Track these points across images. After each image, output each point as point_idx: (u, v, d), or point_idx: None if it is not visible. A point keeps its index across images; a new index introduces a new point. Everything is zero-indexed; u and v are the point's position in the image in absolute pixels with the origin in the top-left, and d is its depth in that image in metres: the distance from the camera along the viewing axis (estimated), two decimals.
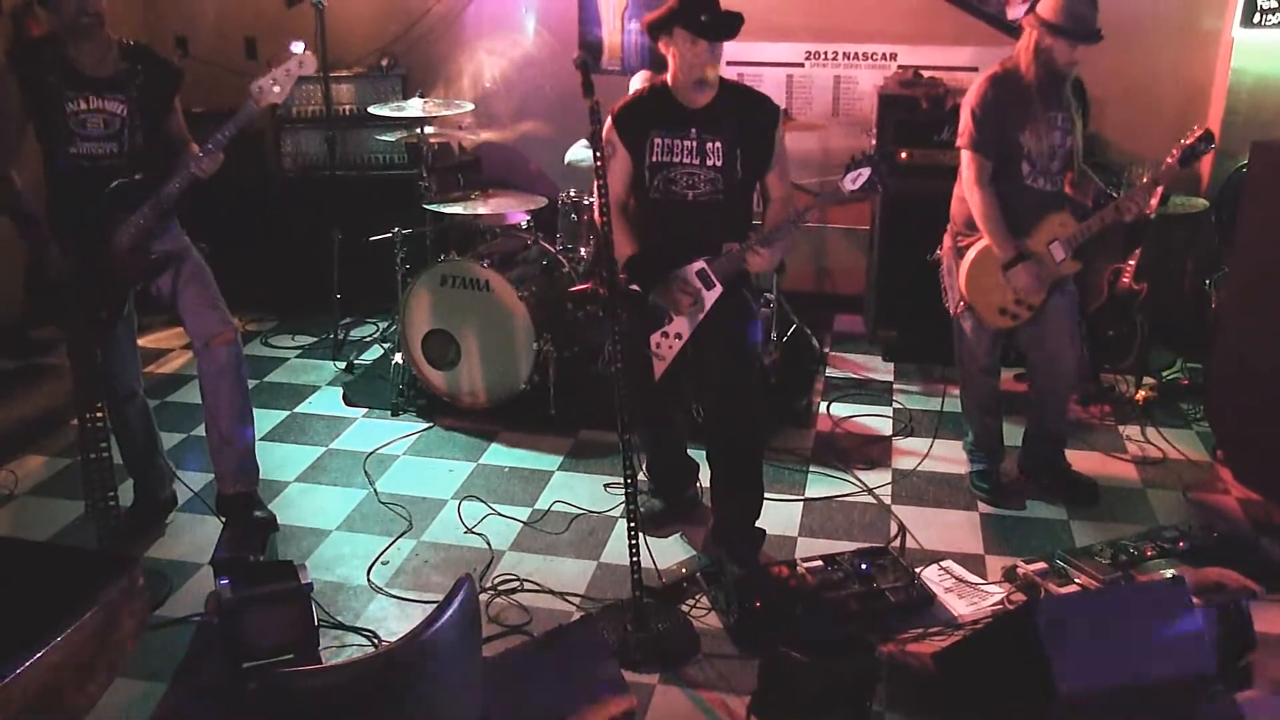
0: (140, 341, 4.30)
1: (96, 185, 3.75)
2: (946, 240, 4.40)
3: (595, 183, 3.50)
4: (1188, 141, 4.10)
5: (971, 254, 4.23)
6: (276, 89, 3.83)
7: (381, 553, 4.13)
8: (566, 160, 5.71)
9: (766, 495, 4.15)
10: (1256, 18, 5.58)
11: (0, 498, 4.54)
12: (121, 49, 3.84)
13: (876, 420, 5.27)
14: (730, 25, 3.70)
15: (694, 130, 3.78)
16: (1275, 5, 5.54)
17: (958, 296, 4.32)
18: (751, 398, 4.03)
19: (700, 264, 3.82)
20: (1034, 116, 4.09)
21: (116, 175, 3.78)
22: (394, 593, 3.89)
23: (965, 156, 4.17)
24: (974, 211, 4.16)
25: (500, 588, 3.90)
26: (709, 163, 3.79)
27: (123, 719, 3.20)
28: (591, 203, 5.18)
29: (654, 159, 3.83)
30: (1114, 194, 4.35)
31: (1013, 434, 4.65)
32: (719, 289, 3.83)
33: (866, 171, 3.66)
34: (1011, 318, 4.25)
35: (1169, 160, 4.12)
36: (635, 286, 3.85)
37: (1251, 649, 3.34)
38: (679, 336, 3.89)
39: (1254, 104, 5.69)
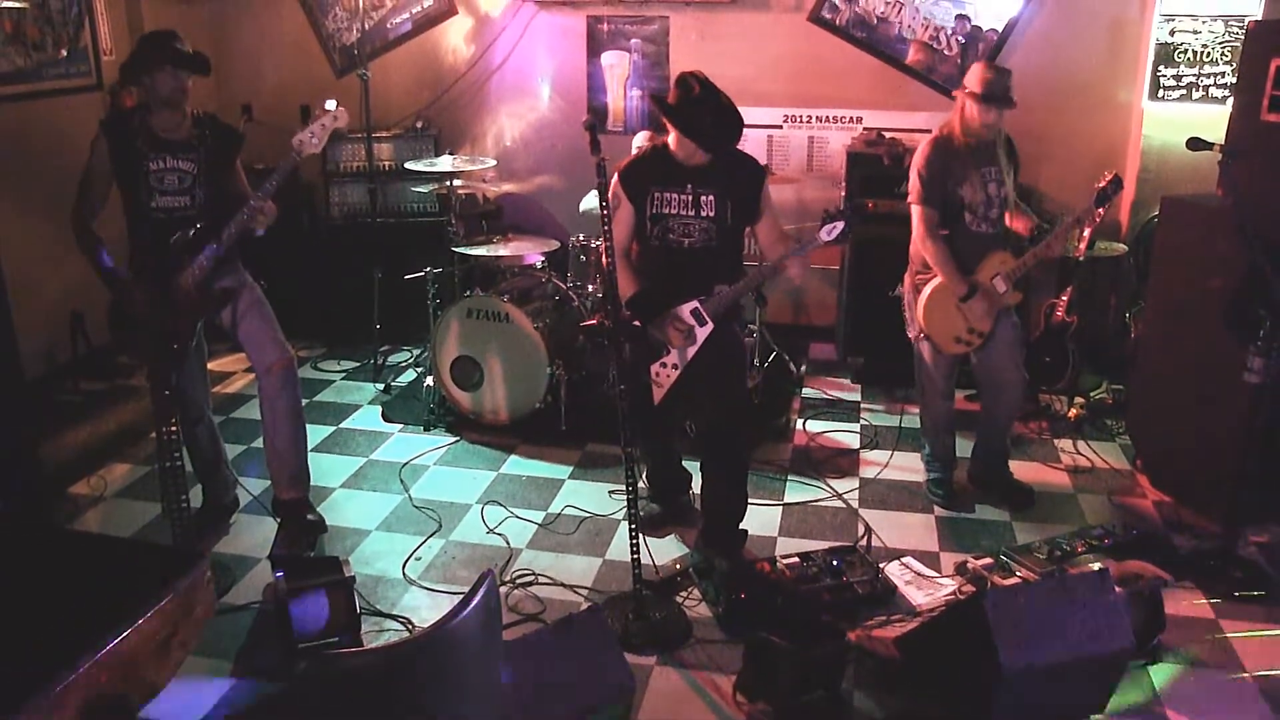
0: (208, 366, 4.30)
1: (171, 234, 3.78)
2: (907, 279, 4.42)
3: (603, 230, 3.52)
4: (1100, 185, 4.21)
5: (927, 290, 4.25)
6: (315, 140, 3.81)
7: (415, 550, 4.13)
8: (581, 209, 5.73)
9: (750, 501, 4.14)
10: (1160, 93, 5.72)
11: (91, 499, 4.56)
12: (193, 117, 3.88)
13: (846, 435, 5.27)
14: (730, 137, 3.71)
15: (689, 186, 3.77)
16: (1174, 83, 5.66)
17: (917, 327, 4.35)
18: (738, 420, 4.03)
19: (694, 303, 3.82)
20: (969, 173, 4.15)
21: (187, 225, 3.80)
22: (426, 585, 3.90)
23: (915, 211, 4.22)
24: (929, 258, 4.20)
25: (518, 581, 3.90)
26: (703, 214, 3.78)
27: (194, 691, 3.21)
28: (598, 246, 5.21)
29: (654, 210, 3.82)
30: (1046, 225, 4.39)
31: (963, 447, 4.66)
32: (711, 325, 3.83)
33: (840, 224, 3.66)
34: (965, 345, 4.28)
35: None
36: (636, 321, 3.85)
37: (1163, 629, 3.39)
38: (675, 367, 3.89)
39: (1161, 164, 5.77)
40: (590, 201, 5.64)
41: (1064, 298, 5.34)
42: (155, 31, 3.84)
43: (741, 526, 4.13)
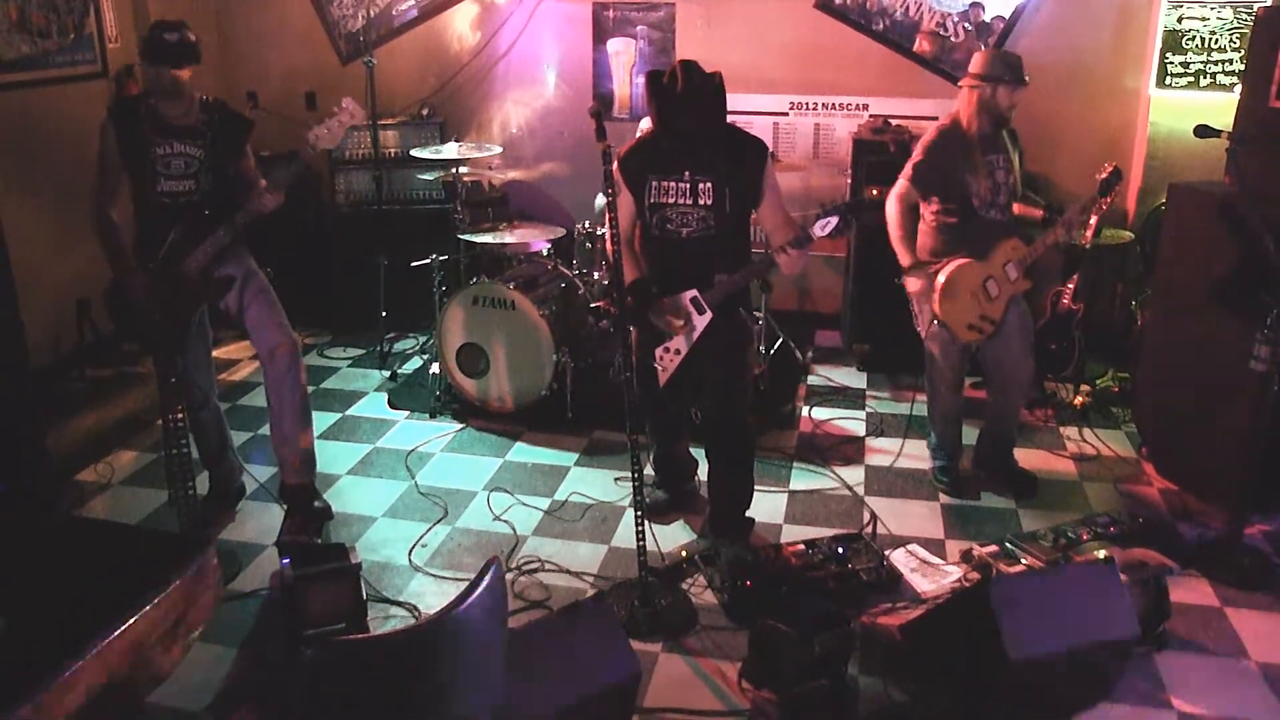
0: (214, 353, 4.31)
1: (177, 218, 3.79)
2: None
3: (607, 216, 3.51)
4: (1101, 176, 4.29)
5: (941, 278, 4.17)
6: (330, 137, 3.84)
7: (421, 537, 4.14)
8: (597, 207, 5.71)
9: (755, 488, 4.14)
10: (1167, 80, 5.69)
11: (98, 486, 4.57)
12: (201, 104, 3.88)
13: (852, 422, 5.26)
14: (706, 135, 3.67)
15: (687, 173, 3.70)
16: (1181, 70, 5.64)
17: (930, 317, 4.28)
18: (741, 408, 4.00)
19: (693, 292, 3.79)
20: (975, 162, 4.13)
21: (193, 210, 3.80)
22: (432, 572, 3.90)
23: (900, 184, 4.21)
24: (888, 218, 4.21)
25: (524, 568, 3.91)
26: (700, 202, 3.71)
27: (201, 677, 3.22)
28: (603, 233, 5.19)
29: (651, 200, 3.77)
30: (1055, 215, 4.39)
31: (967, 434, 4.64)
32: (710, 315, 3.79)
33: (834, 220, 3.62)
34: (978, 333, 4.23)
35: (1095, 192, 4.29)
36: (635, 306, 3.82)
37: (1168, 617, 3.39)
38: (678, 352, 3.87)
39: (1168, 151, 5.75)
40: (603, 200, 5.62)
41: (1070, 285, 5.32)
42: (155, 22, 3.85)
43: (748, 514, 4.13)
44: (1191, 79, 5.63)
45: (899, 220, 4.21)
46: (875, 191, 5.61)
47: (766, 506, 4.34)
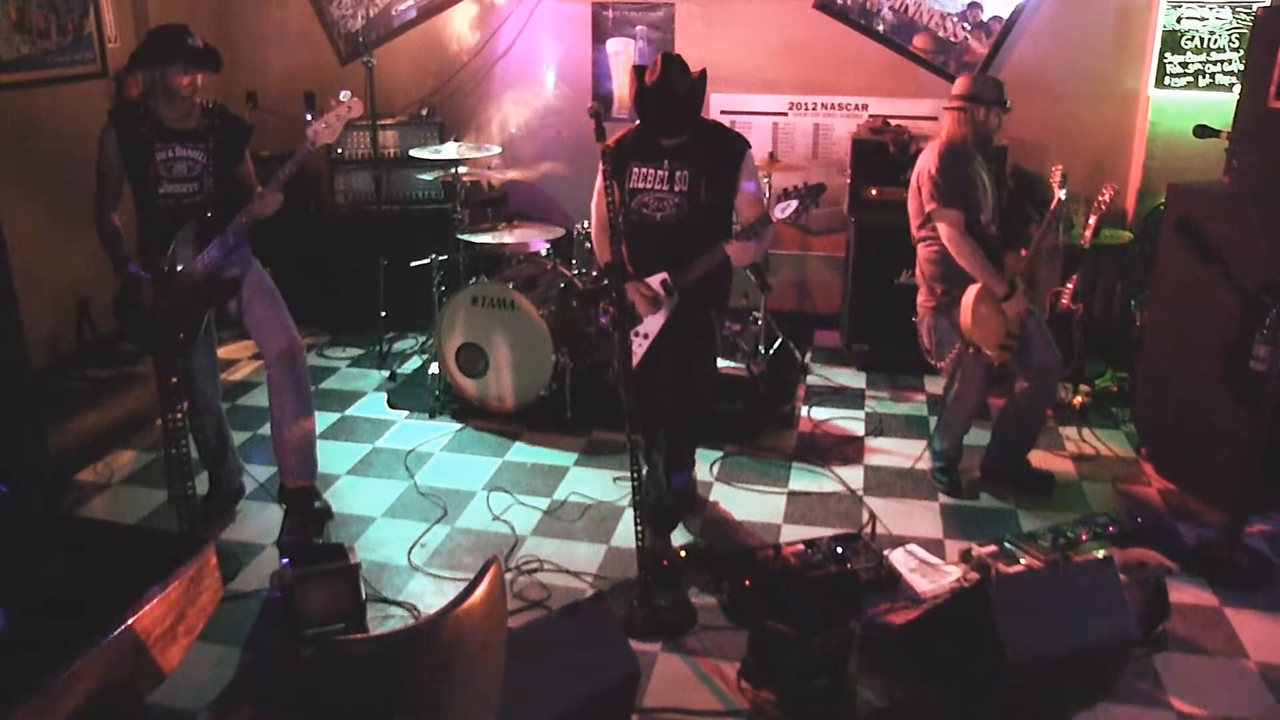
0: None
1: (179, 221, 3.79)
2: (923, 299, 4.36)
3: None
4: (1051, 208, 4.24)
5: (969, 299, 4.12)
6: (330, 131, 3.84)
7: (420, 537, 4.13)
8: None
9: (755, 488, 4.14)
10: (1166, 80, 5.70)
11: (98, 486, 4.56)
12: (202, 108, 3.88)
13: (851, 422, 5.26)
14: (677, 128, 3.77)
15: (666, 161, 3.82)
16: (1180, 71, 5.64)
17: (956, 348, 4.22)
18: (697, 400, 4.07)
19: (663, 275, 3.86)
20: (980, 176, 4.16)
21: (196, 213, 3.80)
22: (431, 571, 3.89)
23: (944, 216, 4.13)
24: (965, 259, 4.09)
25: (523, 568, 3.90)
26: (676, 188, 3.81)
27: (201, 677, 3.22)
28: None
29: (631, 184, 3.86)
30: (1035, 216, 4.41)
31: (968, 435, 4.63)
32: (677, 297, 3.86)
33: (794, 203, 3.67)
34: (1007, 350, 4.20)
35: (1050, 210, 4.25)
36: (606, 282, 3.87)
37: (1167, 617, 3.38)
38: (646, 336, 3.93)
39: (1168, 151, 5.74)
40: None
41: (1069, 285, 5.31)
42: (168, 26, 3.84)
43: (683, 514, 4.17)
44: (1190, 79, 5.64)
45: (972, 248, 4.10)
46: (875, 192, 5.62)
47: (766, 506, 4.34)
